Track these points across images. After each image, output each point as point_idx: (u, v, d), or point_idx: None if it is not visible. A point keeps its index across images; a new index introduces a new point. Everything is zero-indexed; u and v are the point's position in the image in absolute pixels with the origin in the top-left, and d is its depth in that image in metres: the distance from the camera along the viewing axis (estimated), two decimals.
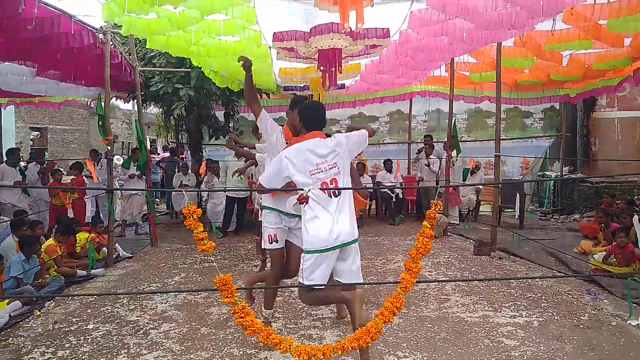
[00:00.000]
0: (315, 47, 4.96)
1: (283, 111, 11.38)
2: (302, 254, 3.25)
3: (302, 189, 3.09)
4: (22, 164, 8.79)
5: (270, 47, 5.81)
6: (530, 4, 4.27)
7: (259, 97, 10.10)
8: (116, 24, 6.60)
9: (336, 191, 3.12)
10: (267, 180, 3.26)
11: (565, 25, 5.33)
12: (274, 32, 4.98)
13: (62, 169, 8.85)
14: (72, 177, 9.25)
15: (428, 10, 4.58)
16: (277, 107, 11.24)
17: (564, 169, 11.26)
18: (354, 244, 3.25)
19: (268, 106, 11.15)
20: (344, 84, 9.22)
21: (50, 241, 6.17)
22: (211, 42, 5.33)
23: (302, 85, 8.93)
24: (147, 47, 5.92)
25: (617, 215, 7.27)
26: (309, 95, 9.60)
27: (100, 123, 6.83)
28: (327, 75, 5.32)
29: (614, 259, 5.76)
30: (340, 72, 5.42)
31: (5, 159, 8.48)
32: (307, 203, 3.08)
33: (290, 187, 3.29)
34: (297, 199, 3.15)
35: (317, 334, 4.17)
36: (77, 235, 6.90)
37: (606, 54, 6.82)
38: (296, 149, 3.20)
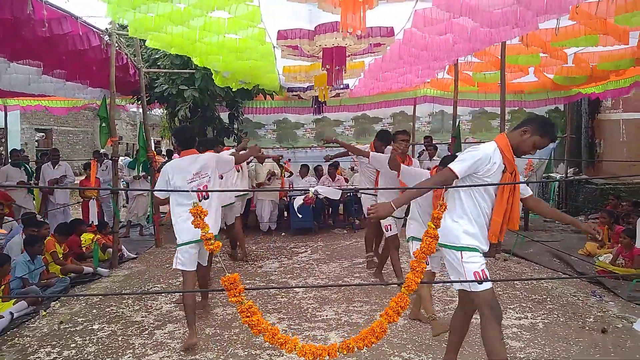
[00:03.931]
0: (320, 45, 4.96)
1: (287, 113, 11.40)
2: None
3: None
4: (32, 164, 8.81)
5: (274, 47, 5.81)
6: (535, 2, 4.27)
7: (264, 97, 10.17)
8: (121, 25, 6.64)
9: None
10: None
11: (570, 22, 5.32)
12: (279, 30, 4.98)
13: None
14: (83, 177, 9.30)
15: (433, 9, 4.58)
16: (281, 108, 11.24)
17: (568, 171, 11.22)
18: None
19: (272, 107, 11.15)
20: (348, 85, 9.20)
21: (49, 237, 6.18)
22: (214, 39, 5.31)
23: (305, 85, 8.92)
24: (146, 45, 5.89)
25: (622, 217, 7.25)
26: (312, 96, 9.62)
27: (103, 125, 6.86)
28: (331, 74, 5.32)
29: (623, 262, 5.73)
30: (345, 72, 5.41)
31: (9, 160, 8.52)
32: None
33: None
34: (304, 200, 3.16)
35: (321, 335, 4.17)
36: (82, 236, 6.93)
37: (611, 53, 6.79)
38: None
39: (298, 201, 3.51)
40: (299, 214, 5.69)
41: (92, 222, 7.79)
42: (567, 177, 10.90)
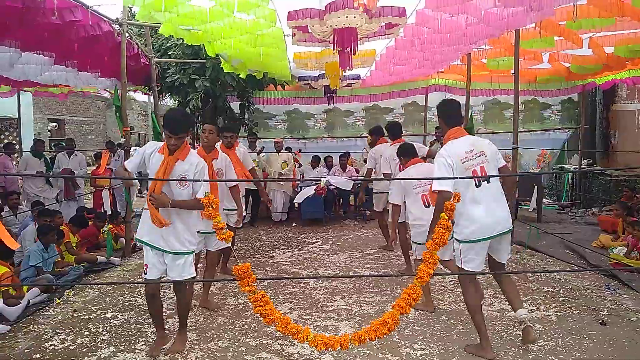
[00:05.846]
0: (330, 25, 4.89)
1: (297, 103, 11.35)
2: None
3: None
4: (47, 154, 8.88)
5: (285, 35, 5.75)
6: None
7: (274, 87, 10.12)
8: (131, 12, 6.61)
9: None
10: None
11: (586, 5, 5.21)
12: (289, 11, 4.91)
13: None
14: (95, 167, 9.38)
15: None
16: (292, 99, 11.20)
17: (582, 162, 11.07)
18: None
19: (283, 98, 11.12)
20: (359, 75, 9.12)
21: (63, 227, 6.24)
22: (225, 21, 5.24)
23: (317, 74, 8.85)
24: (158, 33, 5.84)
25: (637, 209, 7.14)
26: (323, 86, 9.54)
27: (117, 114, 6.89)
28: (343, 56, 5.26)
29: (637, 254, 5.65)
30: (355, 53, 5.33)
31: (26, 149, 8.60)
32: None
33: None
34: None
35: (332, 325, 4.17)
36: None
37: (628, 36, 6.61)
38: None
39: (306, 192, 3.48)
40: (296, 206, 5.76)
41: (105, 211, 7.85)
42: (581, 168, 10.76)
